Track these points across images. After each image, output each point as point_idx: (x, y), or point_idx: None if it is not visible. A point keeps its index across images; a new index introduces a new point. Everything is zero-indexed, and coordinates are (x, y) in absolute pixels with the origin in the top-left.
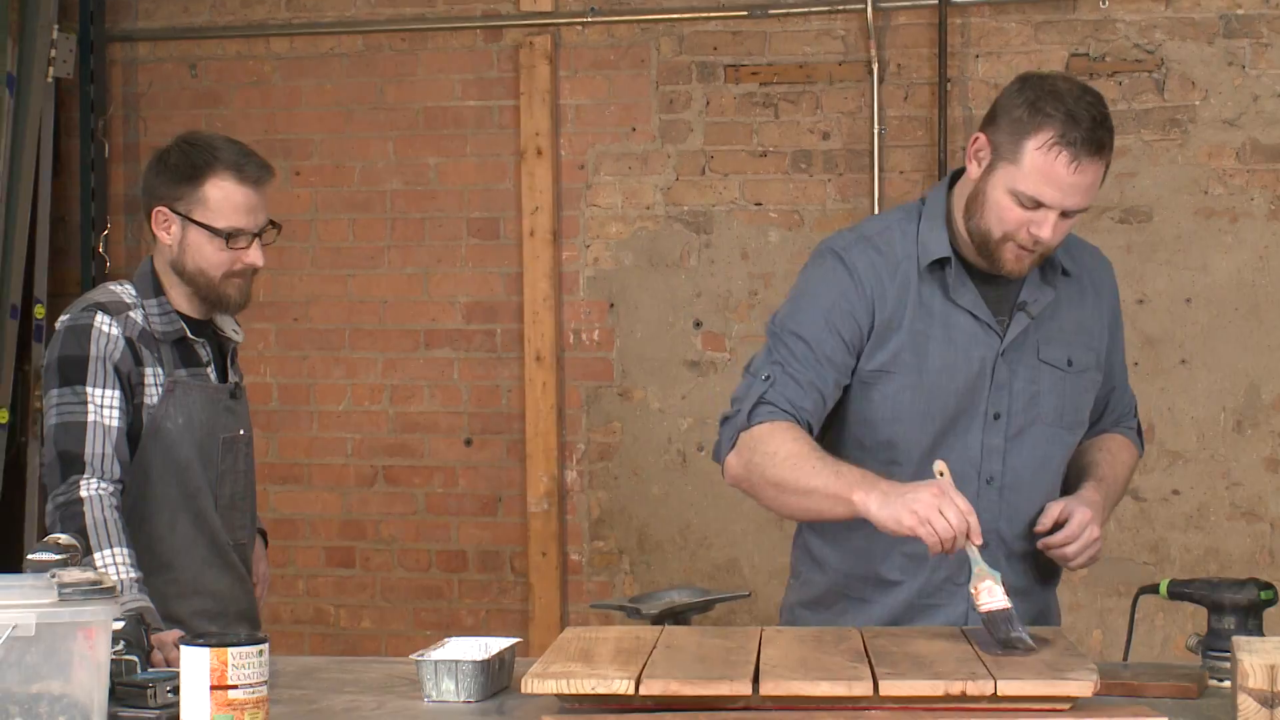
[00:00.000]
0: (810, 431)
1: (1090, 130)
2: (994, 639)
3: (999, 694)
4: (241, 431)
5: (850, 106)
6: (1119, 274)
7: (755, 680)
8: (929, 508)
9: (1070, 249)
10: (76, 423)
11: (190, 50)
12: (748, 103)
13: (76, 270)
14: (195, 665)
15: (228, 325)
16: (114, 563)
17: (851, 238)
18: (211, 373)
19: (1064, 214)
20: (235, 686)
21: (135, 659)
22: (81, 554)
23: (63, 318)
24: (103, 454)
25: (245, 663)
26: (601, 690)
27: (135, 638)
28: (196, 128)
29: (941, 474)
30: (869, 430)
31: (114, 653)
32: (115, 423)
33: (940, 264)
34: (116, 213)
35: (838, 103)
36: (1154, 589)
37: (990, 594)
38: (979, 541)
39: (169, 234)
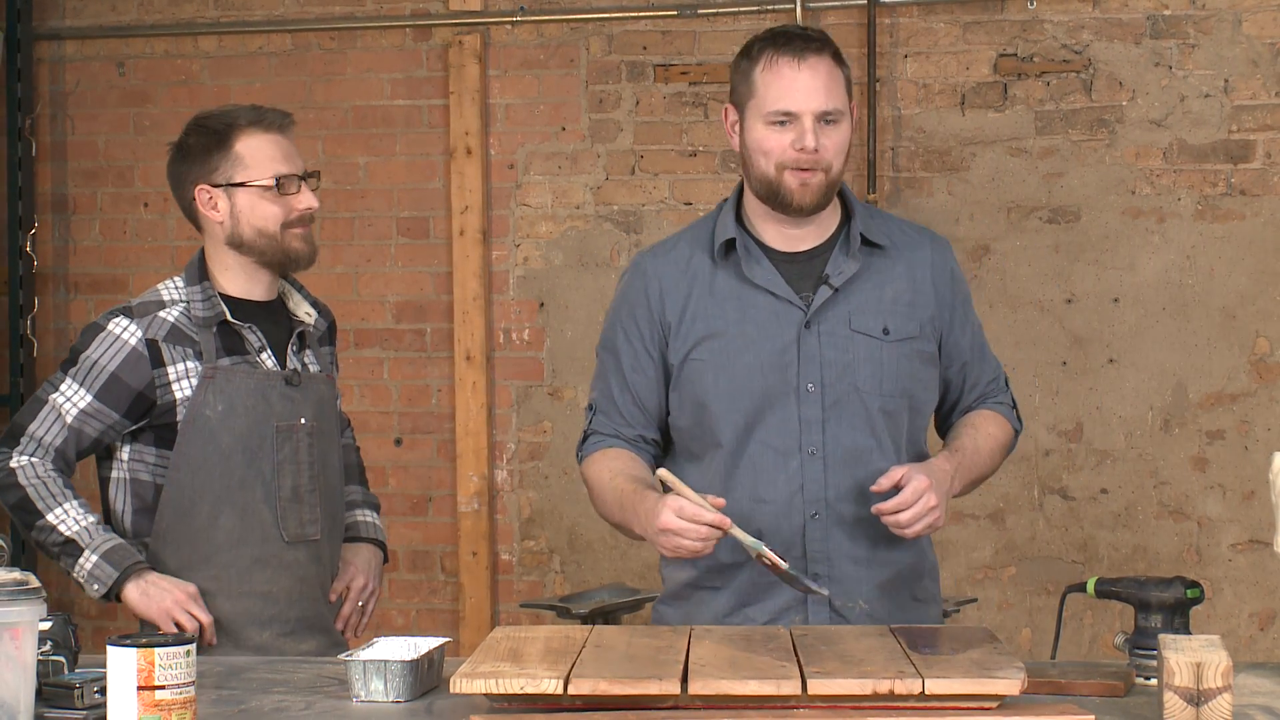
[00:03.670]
0: (645, 442)
1: (801, 35)
2: (799, 590)
3: (926, 692)
4: (303, 420)
5: None
6: (1046, 273)
7: (684, 679)
8: (671, 542)
9: (885, 225)
10: (40, 400)
11: (118, 49)
12: (677, 102)
13: (4, 269)
14: (122, 666)
15: (300, 308)
16: (68, 516)
17: (649, 247)
18: (266, 358)
19: (825, 121)
20: (163, 687)
21: (62, 659)
22: (9, 552)
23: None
24: (41, 438)
25: (173, 663)
26: (530, 690)
27: (62, 638)
28: (124, 127)
29: (664, 483)
30: (687, 416)
31: (41, 653)
32: (70, 420)
33: (731, 246)
34: (44, 211)
35: None
36: (1081, 587)
37: (770, 560)
38: (727, 525)
39: (217, 211)
